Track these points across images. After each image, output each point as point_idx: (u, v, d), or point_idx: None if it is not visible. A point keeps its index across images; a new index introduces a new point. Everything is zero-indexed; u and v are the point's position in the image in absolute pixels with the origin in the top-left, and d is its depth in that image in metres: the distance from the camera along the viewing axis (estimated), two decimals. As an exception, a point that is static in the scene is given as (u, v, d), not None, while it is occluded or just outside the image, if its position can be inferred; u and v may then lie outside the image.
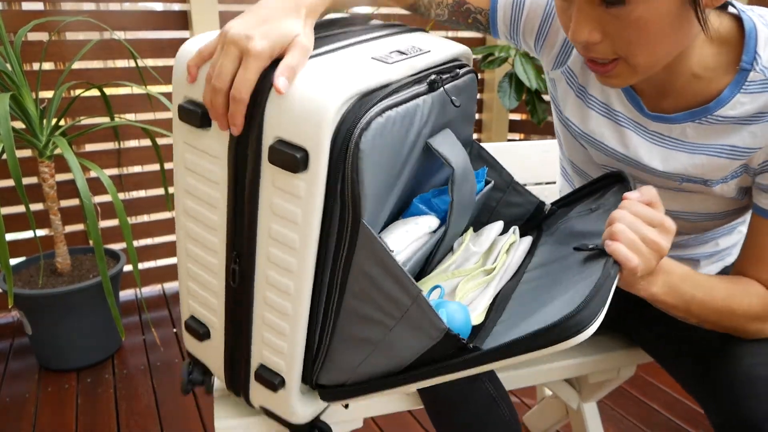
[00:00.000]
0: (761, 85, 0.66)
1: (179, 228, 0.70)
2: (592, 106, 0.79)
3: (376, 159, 0.57)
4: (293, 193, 0.57)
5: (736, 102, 0.67)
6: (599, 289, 0.52)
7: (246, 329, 0.68)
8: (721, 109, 0.68)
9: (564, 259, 0.66)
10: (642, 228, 0.58)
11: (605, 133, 0.78)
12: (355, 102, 0.56)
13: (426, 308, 0.56)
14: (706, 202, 0.75)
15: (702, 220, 0.78)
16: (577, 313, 0.50)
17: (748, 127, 0.67)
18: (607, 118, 0.78)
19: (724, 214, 0.77)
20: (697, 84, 0.69)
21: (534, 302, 0.62)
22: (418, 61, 0.65)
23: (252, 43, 0.55)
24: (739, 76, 0.67)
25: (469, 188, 0.71)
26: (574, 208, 0.78)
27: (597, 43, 0.62)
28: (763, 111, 0.66)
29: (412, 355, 0.59)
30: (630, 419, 1.54)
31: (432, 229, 0.69)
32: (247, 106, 0.57)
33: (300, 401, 0.70)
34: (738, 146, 0.69)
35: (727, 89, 0.67)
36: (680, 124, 0.71)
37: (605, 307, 0.52)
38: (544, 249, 0.74)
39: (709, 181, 0.72)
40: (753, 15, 0.67)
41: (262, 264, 0.63)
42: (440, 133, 0.70)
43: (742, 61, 0.66)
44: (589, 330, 0.50)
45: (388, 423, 1.52)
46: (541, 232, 0.80)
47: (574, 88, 0.81)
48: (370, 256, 0.58)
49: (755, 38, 0.65)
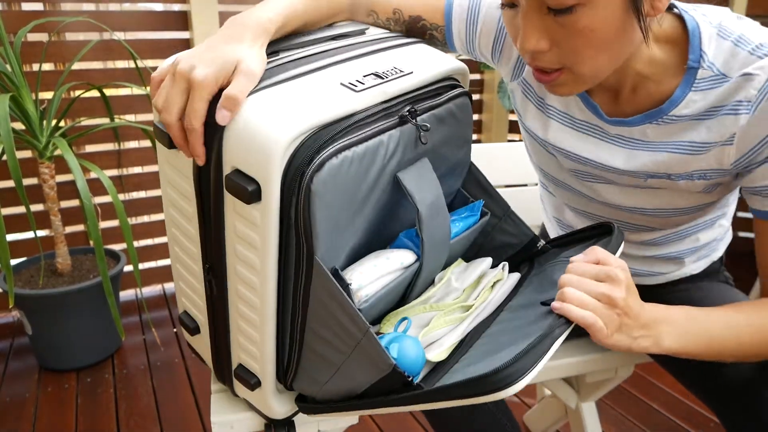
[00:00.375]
0: (710, 82, 0.66)
1: (168, 233, 0.72)
2: (552, 116, 0.79)
3: (329, 199, 0.56)
4: (250, 220, 0.57)
5: (689, 101, 0.68)
6: (533, 347, 0.53)
7: (224, 333, 0.69)
8: (675, 109, 0.69)
9: (534, 306, 0.66)
10: (589, 285, 0.60)
11: (567, 140, 0.78)
12: (309, 136, 0.55)
13: (375, 343, 0.58)
14: (672, 197, 0.75)
15: (671, 216, 0.78)
16: (506, 368, 0.51)
17: (704, 122, 0.68)
18: (568, 127, 0.78)
19: (694, 209, 0.77)
20: (648, 85, 0.70)
21: (494, 345, 0.62)
22: (392, 86, 0.63)
23: (194, 73, 0.55)
24: (688, 75, 0.67)
25: (440, 223, 0.68)
26: (565, 251, 0.78)
27: (544, 52, 0.63)
28: (716, 106, 0.67)
29: (366, 382, 0.61)
30: (630, 419, 1.54)
31: (405, 264, 0.67)
32: (206, 134, 0.56)
33: (276, 400, 0.71)
34: (696, 141, 0.69)
35: (678, 89, 0.68)
36: (639, 126, 0.72)
37: (538, 364, 0.52)
38: (527, 290, 0.74)
39: (672, 175, 0.72)
40: (695, 14, 0.68)
41: (231, 277, 0.64)
42: (415, 164, 0.67)
43: (689, 60, 0.67)
44: (517, 385, 0.51)
45: (386, 421, 1.52)
46: (532, 267, 0.80)
47: (532, 100, 0.81)
48: (324, 290, 0.59)
49: (699, 36, 0.66)
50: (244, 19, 0.62)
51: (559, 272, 0.70)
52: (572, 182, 0.83)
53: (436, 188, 0.68)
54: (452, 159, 0.75)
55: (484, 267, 0.77)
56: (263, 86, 0.59)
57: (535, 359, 0.52)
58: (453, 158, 0.75)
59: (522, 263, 0.82)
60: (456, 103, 0.70)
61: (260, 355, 0.66)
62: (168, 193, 0.68)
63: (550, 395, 1.40)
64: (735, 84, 0.65)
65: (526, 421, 1.49)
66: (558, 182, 0.86)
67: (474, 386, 0.52)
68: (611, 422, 1.52)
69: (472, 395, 0.52)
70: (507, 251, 0.82)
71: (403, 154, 0.64)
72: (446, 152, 0.73)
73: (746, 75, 0.64)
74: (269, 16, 0.63)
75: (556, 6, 0.59)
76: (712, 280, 0.92)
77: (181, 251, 0.71)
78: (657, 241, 0.85)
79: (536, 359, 0.52)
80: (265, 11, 0.64)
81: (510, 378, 0.51)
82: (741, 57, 0.65)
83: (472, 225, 0.77)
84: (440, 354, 0.66)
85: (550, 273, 0.74)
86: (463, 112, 0.72)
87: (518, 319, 0.66)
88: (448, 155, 0.73)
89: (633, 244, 0.87)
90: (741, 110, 0.65)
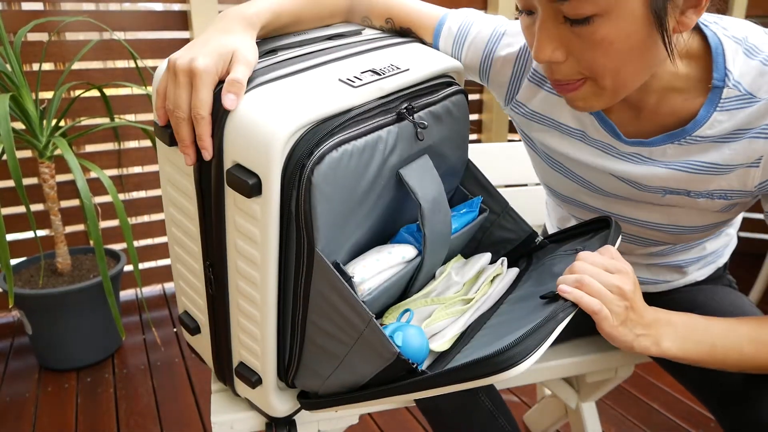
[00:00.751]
0: (737, 102, 0.64)
1: (168, 232, 0.72)
2: (567, 133, 0.77)
3: (329, 192, 0.57)
4: (251, 214, 0.58)
5: (714, 121, 0.65)
6: (537, 329, 0.53)
7: (225, 330, 0.70)
8: (699, 129, 0.66)
9: (533, 298, 0.66)
10: (601, 274, 0.61)
11: (581, 156, 0.77)
12: (309, 130, 0.56)
13: (378, 333, 0.58)
14: (690, 214, 0.74)
15: (686, 233, 0.77)
16: (509, 349, 0.51)
17: (729, 144, 0.66)
18: (581, 142, 0.76)
19: (711, 227, 0.75)
20: (672, 101, 0.67)
21: (495, 335, 0.63)
22: (389, 82, 0.63)
23: (195, 63, 0.56)
24: (713, 95, 0.64)
25: (442, 219, 0.69)
26: (563, 246, 0.78)
27: (561, 63, 0.60)
28: (742, 128, 0.64)
29: (370, 373, 0.61)
30: (630, 419, 1.54)
31: (407, 258, 0.68)
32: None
33: (278, 398, 0.71)
34: (719, 163, 0.67)
35: (703, 109, 0.65)
36: (660, 147, 0.70)
37: (542, 345, 0.53)
38: (526, 284, 0.74)
39: (692, 192, 0.70)
40: (716, 29, 0.65)
41: (232, 274, 0.64)
42: (416, 161, 0.68)
43: (713, 78, 0.64)
44: (520, 366, 0.51)
45: (386, 421, 1.52)
46: (531, 263, 0.80)
47: (534, 119, 0.80)
48: (326, 282, 0.59)
49: (723, 54, 0.63)
50: (233, 13, 0.65)
51: (559, 265, 0.71)
52: (584, 198, 0.82)
53: (438, 184, 0.69)
54: (451, 156, 0.75)
55: (483, 262, 0.77)
56: (263, 82, 0.60)
57: (538, 341, 0.52)
58: (451, 156, 0.75)
59: (520, 259, 0.82)
60: (452, 100, 0.71)
61: (261, 352, 0.66)
62: (168, 191, 0.68)
63: (550, 395, 1.40)
64: (764, 106, 0.62)
65: (526, 421, 1.49)
66: (567, 199, 0.85)
67: (478, 368, 0.52)
68: (611, 422, 1.52)
69: (477, 377, 0.52)
70: (506, 246, 0.82)
71: (402, 151, 0.65)
72: (445, 150, 0.73)
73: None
74: (256, 11, 0.66)
75: (573, 16, 0.56)
76: (716, 284, 0.92)
77: (181, 250, 0.71)
78: (663, 252, 0.85)
79: (540, 341, 0.53)
80: (254, 6, 0.66)
81: (513, 359, 0.51)
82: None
83: (471, 221, 0.78)
84: (443, 344, 0.67)
85: (549, 266, 0.74)
86: (459, 110, 0.73)
87: (518, 311, 0.66)
88: (446, 153, 0.74)
89: (639, 255, 0.86)
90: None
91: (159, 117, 0.61)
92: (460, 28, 0.80)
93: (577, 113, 0.75)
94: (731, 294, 0.88)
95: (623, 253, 0.86)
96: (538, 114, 0.79)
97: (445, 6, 0.84)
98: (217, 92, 0.57)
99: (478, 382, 0.53)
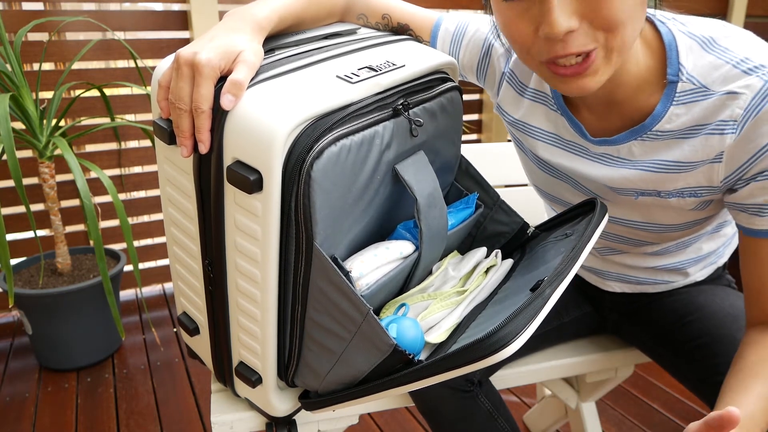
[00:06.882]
0: (692, 94, 0.65)
1: (166, 232, 0.72)
2: (543, 139, 0.80)
3: (328, 186, 0.57)
4: (251, 211, 0.58)
5: (671, 115, 0.67)
6: (525, 307, 0.53)
7: (224, 330, 0.70)
8: (657, 123, 0.68)
9: (527, 285, 0.67)
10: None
11: (559, 161, 0.79)
12: (309, 125, 0.56)
13: (375, 325, 0.58)
14: (666, 213, 0.75)
15: (668, 231, 0.78)
16: (499, 330, 0.51)
17: (688, 140, 0.67)
18: (558, 147, 0.79)
19: (692, 224, 0.76)
20: (638, 95, 0.68)
21: (490, 323, 0.63)
22: (386, 78, 0.64)
23: (199, 57, 0.57)
24: (669, 89, 0.66)
25: (438, 214, 0.70)
26: (554, 233, 0.79)
27: (575, 31, 0.59)
28: (699, 124, 0.65)
29: (368, 367, 0.62)
30: (630, 419, 1.54)
31: (404, 254, 0.69)
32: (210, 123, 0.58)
33: (278, 397, 0.72)
34: (682, 161, 0.68)
35: (660, 104, 0.67)
36: (625, 144, 0.71)
37: (532, 322, 0.52)
38: (519, 273, 0.75)
39: (662, 192, 0.72)
40: (672, 25, 0.66)
41: (232, 272, 0.65)
42: (411, 156, 0.69)
43: (668, 73, 0.66)
44: (513, 346, 0.51)
45: (386, 421, 1.52)
46: (524, 254, 0.81)
47: (516, 125, 0.83)
48: (324, 276, 0.60)
49: (676, 49, 0.65)
50: (243, 14, 0.65)
51: (550, 252, 0.72)
52: (570, 198, 0.84)
53: (433, 180, 0.70)
54: (444, 152, 0.76)
55: (479, 256, 0.78)
56: (262, 79, 0.60)
57: (527, 319, 0.52)
58: (445, 151, 0.76)
59: (514, 251, 0.83)
60: (446, 97, 0.72)
61: (261, 351, 0.67)
62: (167, 191, 0.68)
63: (550, 395, 1.40)
64: (719, 101, 0.64)
65: (526, 421, 1.49)
66: (554, 198, 0.87)
67: (471, 352, 0.52)
68: (611, 422, 1.53)
69: (471, 361, 0.52)
70: (500, 240, 0.83)
71: (398, 146, 0.66)
72: (439, 146, 0.74)
73: (731, 93, 0.63)
74: (266, 14, 0.66)
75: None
76: (716, 284, 0.92)
77: (180, 250, 0.71)
78: (659, 252, 0.85)
79: (529, 319, 0.52)
80: (263, 9, 0.66)
81: (504, 339, 0.51)
82: (724, 70, 0.63)
83: (467, 217, 0.78)
84: (440, 336, 0.68)
85: (541, 254, 0.75)
86: (453, 106, 0.74)
87: (511, 298, 0.66)
88: (440, 148, 0.75)
89: (636, 255, 0.87)
90: (727, 130, 0.64)
91: (161, 109, 0.61)
92: (457, 27, 0.83)
93: (550, 116, 0.78)
94: (731, 294, 0.88)
95: (620, 252, 0.87)
96: (520, 122, 0.82)
97: (445, 7, 0.85)
98: (218, 89, 0.57)
99: (474, 366, 0.52)
